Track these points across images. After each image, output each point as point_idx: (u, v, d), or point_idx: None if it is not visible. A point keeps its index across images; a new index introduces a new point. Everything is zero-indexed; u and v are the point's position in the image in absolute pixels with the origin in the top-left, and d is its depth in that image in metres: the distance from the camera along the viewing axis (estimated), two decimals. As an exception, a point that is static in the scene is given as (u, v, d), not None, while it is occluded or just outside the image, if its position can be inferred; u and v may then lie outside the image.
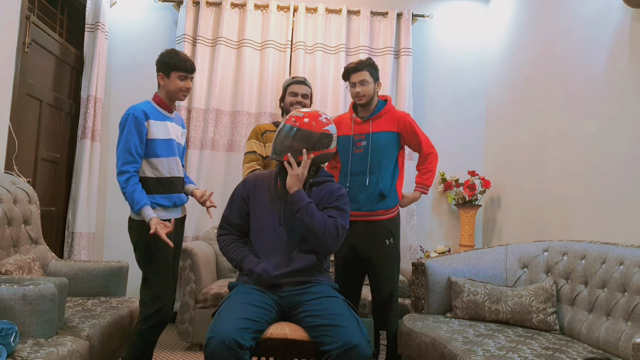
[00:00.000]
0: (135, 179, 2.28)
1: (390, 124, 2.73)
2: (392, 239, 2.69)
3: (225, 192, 4.08)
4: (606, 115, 2.78)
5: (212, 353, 1.76)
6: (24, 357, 1.64)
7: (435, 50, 4.48)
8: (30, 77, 3.34)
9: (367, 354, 1.81)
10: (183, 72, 2.37)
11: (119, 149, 2.29)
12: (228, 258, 2.20)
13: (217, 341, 1.76)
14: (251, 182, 2.25)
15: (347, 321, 1.88)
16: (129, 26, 4.28)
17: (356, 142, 2.71)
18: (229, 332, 1.77)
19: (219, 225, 2.27)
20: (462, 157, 4.35)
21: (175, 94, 2.40)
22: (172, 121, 2.45)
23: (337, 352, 1.78)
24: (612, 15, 2.76)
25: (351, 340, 1.79)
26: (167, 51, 2.41)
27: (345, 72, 2.73)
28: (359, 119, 2.74)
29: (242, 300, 1.97)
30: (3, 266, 2.28)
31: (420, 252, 4.11)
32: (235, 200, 2.24)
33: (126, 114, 2.31)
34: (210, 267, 3.54)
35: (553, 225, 3.23)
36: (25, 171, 3.28)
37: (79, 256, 3.82)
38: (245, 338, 1.79)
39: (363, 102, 2.70)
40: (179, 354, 3.22)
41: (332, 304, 1.98)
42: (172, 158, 2.39)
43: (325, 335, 1.85)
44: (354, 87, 2.70)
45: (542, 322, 2.44)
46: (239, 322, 1.83)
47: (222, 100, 4.15)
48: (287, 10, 4.26)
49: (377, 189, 2.67)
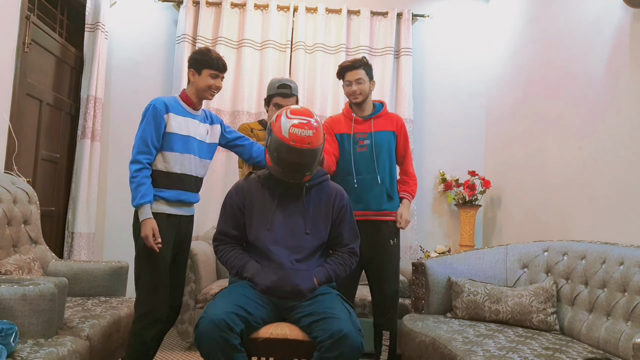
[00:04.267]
0: (147, 172, 2.26)
1: (389, 124, 2.76)
2: (396, 239, 2.71)
3: (225, 192, 4.07)
4: (606, 115, 2.78)
5: (202, 333, 1.79)
6: (24, 357, 1.64)
7: (435, 50, 4.47)
8: (30, 77, 3.34)
9: (357, 343, 1.82)
10: (215, 70, 2.37)
11: (136, 138, 2.30)
12: (228, 266, 2.15)
13: (207, 321, 1.79)
14: (244, 189, 2.19)
15: (338, 312, 1.90)
16: (129, 26, 4.28)
17: (358, 140, 2.71)
18: (220, 314, 1.81)
19: (214, 237, 2.21)
20: (462, 157, 4.35)
21: (204, 92, 2.39)
22: (196, 118, 2.41)
23: (329, 343, 1.80)
24: (612, 15, 2.76)
25: (341, 329, 1.80)
26: (201, 49, 2.42)
27: (340, 70, 2.73)
28: (359, 118, 2.74)
29: (238, 291, 2.00)
30: (3, 266, 2.28)
31: (420, 252, 4.11)
32: (228, 210, 2.18)
33: (149, 104, 2.31)
34: (210, 267, 3.54)
35: (553, 225, 3.23)
36: (25, 171, 3.28)
37: (79, 256, 3.82)
38: (235, 322, 1.82)
39: (359, 100, 2.71)
40: (179, 354, 3.22)
41: (325, 301, 1.99)
42: (187, 155, 2.35)
43: (319, 329, 1.87)
44: (349, 86, 2.70)
45: (542, 322, 2.44)
46: (231, 307, 1.86)
47: (222, 100, 4.15)
48: (287, 10, 4.26)
49: (384, 188, 2.68)
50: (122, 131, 4.17)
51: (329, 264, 2.14)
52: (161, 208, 2.31)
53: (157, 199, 2.30)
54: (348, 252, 2.19)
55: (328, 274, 2.11)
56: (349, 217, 2.21)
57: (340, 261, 2.16)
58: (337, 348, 1.79)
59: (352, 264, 2.20)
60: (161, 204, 2.31)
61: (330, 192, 2.20)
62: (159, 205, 2.30)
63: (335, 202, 2.18)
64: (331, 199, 2.19)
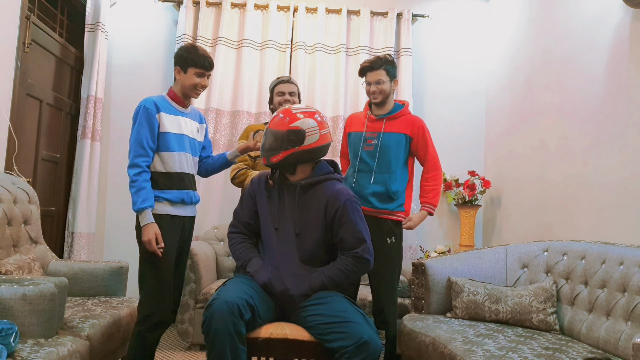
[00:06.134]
0: (146, 176, 2.24)
1: (403, 127, 2.72)
2: (393, 238, 2.68)
3: (225, 193, 4.09)
4: (606, 115, 2.78)
5: (215, 311, 1.81)
6: (24, 357, 1.64)
7: (435, 50, 4.48)
8: (30, 77, 3.34)
9: (379, 347, 1.84)
10: (201, 68, 2.34)
11: (130, 141, 2.27)
12: (235, 257, 2.18)
13: (222, 302, 1.82)
14: (257, 182, 2.22)
15: (354, 316, 1.90)
16: (129, 26, 4.28)
17: (367, 139, 2.72)
18: (234, 297, 1.84)
19: (231, 223, 2.25)
20: (462, 157, 4.35)
21: (189, 90, 2.36)
22: (186, 116, 2.41)
23: (352, 349, 1.80)
24: (612, 15, 2.76)
25: (362, 336, 1.81)
26: (187, 46, 2.37)
27: (361, 70, 2.73)
28: (373, 116, 2.75)
29: (247, 283, 2.02)
30: (3, 266, 2.28)
31: (420, 252, 4.11)
32: (246, 198, 2.22)
33: (138, 106, 2.29)
34: (210, 267, 3.54)
35: (553, 225, 3.23)
36: (25, 171, 3.28)
37: (79, 256, 3.82)
38: (246, 309, 1.85)
39: (378, 100, 2.71)
40: (179, 354, 3.22)
41: (333, 302, 1.97)
42: (183, 153, 2.35)
43: (334, 332, 1.86)
44: (369, 86, 2.70)
45: (542, 322, 2.44)
46: (243, 294, 1.89)
47: (222, 100, 4.15)
48: (287, 10, 4.26)
49: (384, 188, 2.67)
50: (122, 131, 4.17)
51: (327, 270, 2.06)
52: (165, 209, 2.29)
53: (161, 201, 2.28)
54: (352, 257, 2.05)
55: (323, 280, 2.04)
56: (348, 220, 2.05)
57: (341, 267, 2.05)
58: (359, 354, 1.80)
59: (357, 270, 2.06)
60: (165, 205, 2.30)
61: (325, 193, 2.09)
62: (163, 206, 2.29)
63: (328, 204, 2.07)
64: (323, 201, 2.08)
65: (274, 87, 2.88)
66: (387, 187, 2.68)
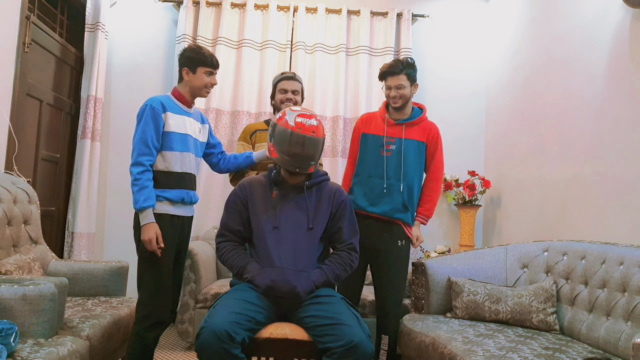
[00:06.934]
0: (149, 175, 2.25)
1: (421, 134, 2.68)
2: (404, 241, 2.66)
3: (225, 193, 4.08)
4: (606, 115, 2.78)
5: (203, 343, 1.78)
6: (24, 357, 1.64)
7: (435, 50, 4.47)
8: (30, 77, 3.34)
9: (369, 351, 1.83)
10: (209, 67, 2.38)
11: (135, 140, 2.27)
12: (229, 265, 2.15)
13: (209, 332, 1.78)
14: (247, 187, 2.21)
15: (348, 318, 1.90)
16: (129, 26, 4.28)
17: (385, 144, 2.65)
18: (222, 324, 1.78)
19: (218, 233, 2.21)
20: (462, 157, 4.35)
21: (200, 90, 2.40)
22: (190, 116, 2.43)
23: (341, 350, 1.80)
24: (612, 15, 2.76)
25: (352, 339, 1.80)
26: (192, 47, 2.41)
27: (382, 74, 2.65)
28: (392, 120, 2.68)
29: (239, 296, 1.98)
30: (3, 266, 2.28)
31: (420, 252, 4.11)
32: (232, 206, 2.19)
33: (144, 105, 2.29)
34: (210, 267, 3.54)
35: (553, 225, 3.23)
36: (25, 171, 3.28)
37: (79, 256, 3.82)
38: (237, 332, 1.80)
39: (398, 105, 2.64)
40: (179, 354, 3.22)
41: (331, 304, 1.98)
42: (186, 153, 2.35)
43: (327, 334, 1.86)
44: (389, 90, 2.63)
45: (542, 322, 2.44)
46: (233, 316, 1.84)
47: (222, 100, 4.15)
48: (287, 10, 4.26)
49: (401, 197, 2.61)
50: (122, 131, 4.17)
51: (327, 265, 2.13)
52: (165, 209, 2.29)
53: (161, 200, 2.28)
54: (347, 249, 2.18)
55: (326, 275, 2.10)
56: (348, 212, 2.21)
57: (339, 260, 2.15)
58: (349, 356, 1.80)
59: (353, 261, 2.17)
60: (165, 204, 2.30)
61: (330, 188, 2.23)
62: (163, 206, 2.29)
63: (334, 197, 2.20)
64: (331, 194, 2.21)
65: (277, 83, 2.78)
66: (404, 197, 2.62)
